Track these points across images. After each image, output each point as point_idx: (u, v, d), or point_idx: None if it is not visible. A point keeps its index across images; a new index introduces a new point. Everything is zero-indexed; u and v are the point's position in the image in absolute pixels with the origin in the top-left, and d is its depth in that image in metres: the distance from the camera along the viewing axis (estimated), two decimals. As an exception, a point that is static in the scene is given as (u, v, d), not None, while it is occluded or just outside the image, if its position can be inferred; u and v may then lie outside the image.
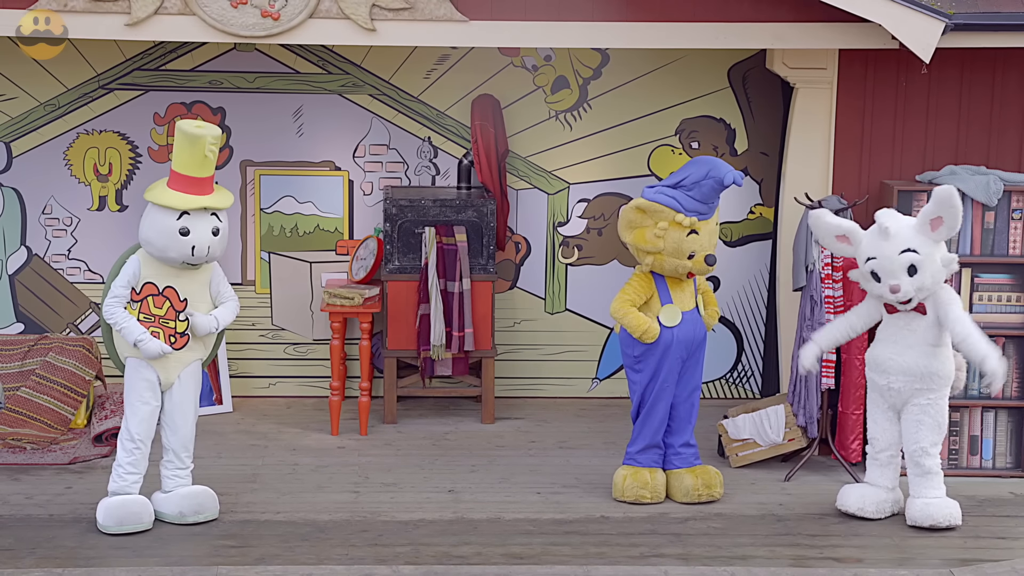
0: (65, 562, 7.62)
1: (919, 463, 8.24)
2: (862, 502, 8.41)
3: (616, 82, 10.40)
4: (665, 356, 8.51)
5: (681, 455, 8.69)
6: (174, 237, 7.91)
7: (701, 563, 7.75)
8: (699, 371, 8.66)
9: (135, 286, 7.99)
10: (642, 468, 8.64)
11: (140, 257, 8.03)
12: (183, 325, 8.07)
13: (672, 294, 8.52)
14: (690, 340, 8.53)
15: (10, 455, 9.27)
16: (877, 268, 8.10)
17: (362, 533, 8.09)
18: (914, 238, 8.02)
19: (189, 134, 7.88)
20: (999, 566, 7.80)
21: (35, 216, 10.37)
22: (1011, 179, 9.06)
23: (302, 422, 10.10)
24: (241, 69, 10.29)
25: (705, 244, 8.39)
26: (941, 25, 8.48)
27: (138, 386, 8.06)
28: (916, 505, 8.26)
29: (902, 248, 8.02)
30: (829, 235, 8.30)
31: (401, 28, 8.83)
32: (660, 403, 8.57)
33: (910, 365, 8.18)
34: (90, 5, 8.69)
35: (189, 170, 7.92)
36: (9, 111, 10.25)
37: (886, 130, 9.36)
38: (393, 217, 9.90)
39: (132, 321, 7.96)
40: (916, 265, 8.01)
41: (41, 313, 10.44)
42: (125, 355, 8.12)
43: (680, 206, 8.33)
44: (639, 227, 8.43)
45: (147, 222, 7.96)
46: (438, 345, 9.82)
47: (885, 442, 8.41)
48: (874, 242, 8.11)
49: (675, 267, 8.43)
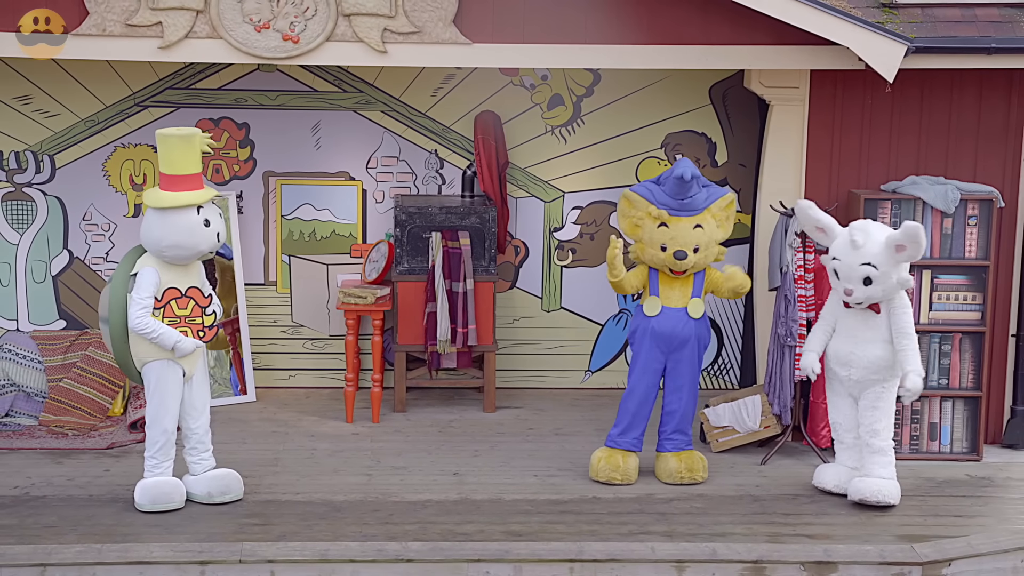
0: (103, 538, 7.64)
1: (869, 443, 8.29)
2: (837, 479, 8.45)
3: (607, 99, 10.41)
4: (642, 342, 8.53)
5: (673, 440, 8.69)
6: (201, 231, 7.84)
7: (684, 539, 7.76)
8: (684, 368, 8.59)
9: (156, 294, 7.88)
10: (616, 451, 8.64)
11: (156, 266, 7.89)
12: (210, 319, 8.05)
13: (660, 288, 8.52)
14: (670, 335, 8.52)
15: (54, 440, 9.28)
16: (838, 269, 8.17)
17: (374, 512, 8.11)
18: (878, 255, 8.05)
19: (181, 136, 7.81)
20: (956, 542, 7.82)
21: (76, 222, 10.38)
22: (967, 188, 9.08)
23: (319, 411, 10.10)
24: (264, 88, 10.30)
25: (677, 239, 8.35)
26: (903, 48, 8.50)
27: (169, 384, 7.98)
28: (854, 482, 8.31)
29: (863, 261, 8.06)
30: (810, 224, 8.39)
31: (410, 50, 8.84)
32: (638, 389, 8.58)
33: (869, 358, 8.23)
34: (126, 30, 8.70)
35: (186, 169, 7.82)
36: (53, 126, 10.26)
37: (853, 144, 9.36)
38: (403, 223, 9.91)
39: (165, 327, 7.85)
40: (872, 278, 8.07)
41: (81, 311, 10.45)
42: (146, 360, 7.97)
43: (653, 198, 8.37)
44: (627, 216, 8.49)
45: (167, 228, 7.81)
46: (444, 340, 9.83)
47: (847, 426, 8.46)
48: (843, 247, 8.16)
49: (652, 257, 8.44)
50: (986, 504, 8.42)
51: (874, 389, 8.27)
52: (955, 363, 9.15)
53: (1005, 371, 9.46)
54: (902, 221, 8.99)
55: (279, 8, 8.70)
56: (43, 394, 9.84)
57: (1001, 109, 9.27)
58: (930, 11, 9.12)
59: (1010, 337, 9.41)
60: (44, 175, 10.30)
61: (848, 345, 8.29)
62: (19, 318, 10.40)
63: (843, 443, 8.50)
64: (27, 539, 7.60)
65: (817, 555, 7.64)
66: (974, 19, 9.05)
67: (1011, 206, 9.33)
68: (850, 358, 8.27)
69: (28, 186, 10.30)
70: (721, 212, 8.48)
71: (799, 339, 8.95)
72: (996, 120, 9.27)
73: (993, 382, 9.41)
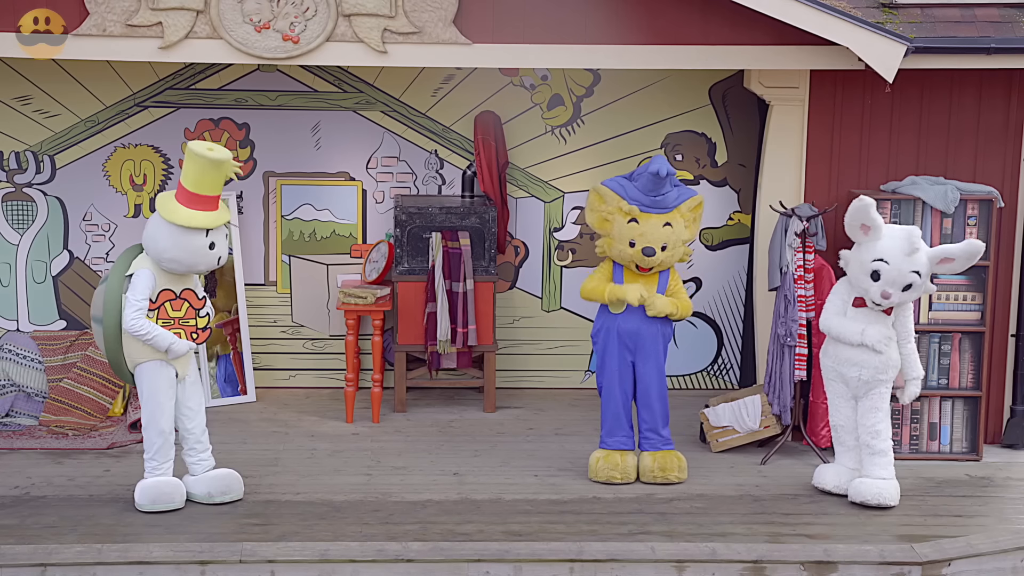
0: (104, 538, 7.64)
1: (870, 444, 8.27)
2: (838, 480, 8.45)
3: (607, 100, 10.41)
4: (608, 341, 8.52)
5: (649, 439, 8.69)
6: (203, 253, 7.85)
7: (684, 539, 7.76)
8: (651, 365, 8.55)
9: (151, 296, 7.87)
10: (613, 451, 8.65)
11: (152, 269, 7.88)
12: (203, 320, 8.04)
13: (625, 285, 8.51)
14: (635, 333, 8.50)
15: (54, 441, 9.28)
16: (883, 272, 8.07)
17: (374, 512, 8.11)
18: (925, 264, 8.06)
19: (213, 160, 7.73)
20: (955, 542, 7.81)
21: (76, 222, 10.38)
22: (967, 189, 9.08)
23: (320, 411, 10.10)
24: (264, 88, 10.30)
25: (646, 235, 8.34)
26: (903, 48, 8.50)
27: (162, 385, 7.97)
28: (854, 484, 8.31)
29: (913, 268, 8.04)
30: (859, 221, 8.12)
31: (410, 51, 8.84)
32: (612, 389, 8.57)
33: (880, 359, 8.21)
34: (127, 30, 8.70)
35: (208, 190, 7.81)
36: (53, 127, 10.26)
37: (853, 144, 9.37)
38: (403, 223, 9.91)
39: (159, 329, 7.85)
40: (913, 286, 8.06)
41: (82, 311, 10.44)
42: (138, 361, 7.95)
43: (624, 193, 8.37)
44: (596, 210, 8.48)
45: (171, 242, 7.79)
46: (444, 340, 9.83)
47: (848, 428, 8.45)
48: (895, 250, 8.05)
49: (620, 252, 8.43)
50: (986, 504, 8.42)
51: (878, 390, 8.27)
52: (955, 363, 9.16)
53: (1005, 371, 9.46)
54: (902, 221, 8.99)
55: (279, 8, 8.70)
56: (43, 394, 9.84)
57: (1001, 109, 9.27)
58: (930, 11, 9.12)
59: (1010, 337, 9.41)
60: (44, 175, 10.30)
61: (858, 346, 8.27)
62: (19, 318, 10.40)
63: (844, 445, 8.49)
64: (27, 539, 7.60)
65: (817, 555, 7.64)
66: (973, 19, 9.05)
67: (1011, 206, 9.33)
68: (861, 359, 8.25)
69: (28, 186, 10.30)
70: (690, 213, 8.47)
71: (799, 339, 8.95)
72: (996, 120, 9.28)
73: (993, 382, 9.41)
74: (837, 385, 8.42)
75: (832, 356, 8.38)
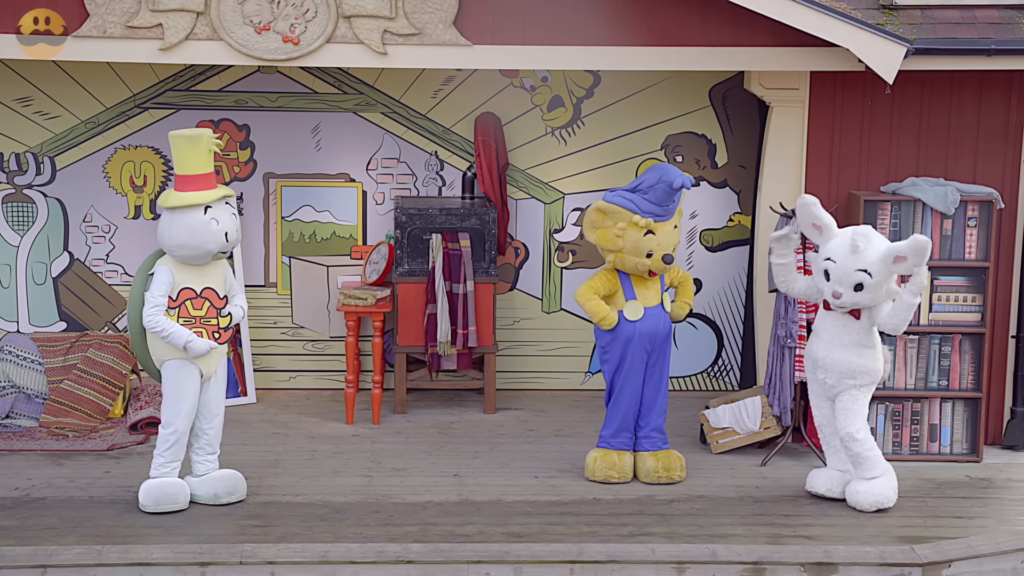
0: (104, 539, 7.64)
1: (848, 447, 8.25)
2: (829, 484, 8.44)
3: (607, 101, 10.41)
4: (628, 347, 8.53)
5: (651, 439, 8.71)
6: (208, 230, 7.87)
7: (685, 541, 7.76)
8: (666, 362, 8.66)
9: (171, 294, 7.92)
10: (612, 451, 8.66)
11: (171, 266, 7.94)
12: (225, 320, 8.05)
13: (636, 291, 8.53)
14: (654, 333, 8.55)
15: (54, 442, 9.28)
16: (831, 271, 8.10)
17: (375, 514, 8.10)
18: (875, 263, 7.99)
19: (189, 136, 7.88)
20: (956, 543, 7.81)
21: (76, 224, 10.38)
22: (967, 190, 9.08)
23: (320, 412, 10.11)
24: (264, 89, 10.30)
25: (663, 244, 8.39)
26: (903, 50, 8.50)
27: (185, 385, 7.99)
28: (849, 491, 8.29)
29: (860, 267, 8.01)
30: (809, 220, 8.19)
31: (410, 52, 8.84)
32: (627, 390, 8.59)
33: (844, 363, 8.19)
34: (127, 31, 8.70)
35: (195, 169, 7.89)
36: (53, 128, 10.26)
37: (853, 145, 9.37)
38: (403, 225, 9.91)
39: (176, 326, 7.87)
40: (864, 285, 8.03)
41: (82, 313, 10.45)
42: (164, 359, 8.00)
43: (636, 208, 8.37)
44: (601, 227, 8.47)
45: (175, 228, 7.87)
46: (444, 342, 9.83)
47: (831, 428, 8.44)
48: (841, 249, 8.09)
49: (635, 265, 8.45)
50: (986, 505, 8.41)
51: (850, 392, 8.25)
52: (955, 364, 9.15)
53: (1005, 372, 9.45)
54: (902, 223, 8.99)
55: (279, 10, 8.70)
56: (43, 396, 9.83)
57: (1001, 110, 9.27)
58: (930, 12, 9.12)
59: (1010, 338, 9.41)
60: (44, 177, 10.30)
61: (824, 349, 8.25)
62: (19, 320, 10.40)
63: (831, 446, 8.46)
64: (28, 540, 7.60)
65: (817, 556, 7.63)
66: (974, 20, 9.05)
67: (1011, 207, 9.33)
68: (825, 361, 8.24)
69: (29, 188, 10.30)
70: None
71: (799, 340, 8.95)
72: (996, 121, 9.27)
73: (993, 383, 9.41)
74: (813, 385, 8.42)
75: (807, 357, 8.40)
